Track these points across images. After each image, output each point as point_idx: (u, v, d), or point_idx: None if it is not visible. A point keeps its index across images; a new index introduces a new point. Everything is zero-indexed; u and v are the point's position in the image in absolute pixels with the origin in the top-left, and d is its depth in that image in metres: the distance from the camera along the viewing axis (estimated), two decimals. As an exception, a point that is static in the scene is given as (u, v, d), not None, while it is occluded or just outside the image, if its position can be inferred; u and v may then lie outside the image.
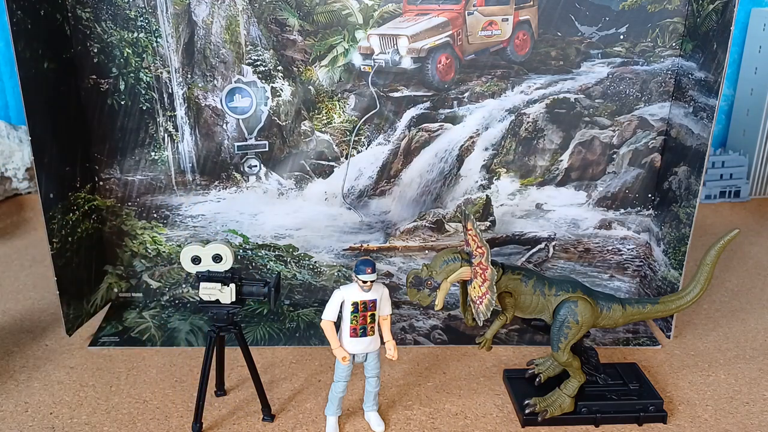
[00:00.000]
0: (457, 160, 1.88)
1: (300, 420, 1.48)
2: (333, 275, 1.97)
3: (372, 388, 1.43)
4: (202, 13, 1.73)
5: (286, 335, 1.81)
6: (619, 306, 1.45)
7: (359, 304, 1.33)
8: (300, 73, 1.79)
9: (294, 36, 1.76)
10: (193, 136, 1.82)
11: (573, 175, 1.90)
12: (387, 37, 1.76)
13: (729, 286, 2.10)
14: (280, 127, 1.83)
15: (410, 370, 1.66)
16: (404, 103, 1.82)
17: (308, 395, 1.56)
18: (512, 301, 1.42)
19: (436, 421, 1.48)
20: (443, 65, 1.79)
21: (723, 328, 1.86)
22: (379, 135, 1.85)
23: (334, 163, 1.87)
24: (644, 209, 1.92)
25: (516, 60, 1.80)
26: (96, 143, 1.82)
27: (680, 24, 1.74)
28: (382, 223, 1.94)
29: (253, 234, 1.91)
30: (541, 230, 1.95)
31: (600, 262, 1.98)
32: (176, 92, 1.78)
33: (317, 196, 1.90)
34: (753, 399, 1.56)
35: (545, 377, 1.55)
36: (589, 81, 1.82)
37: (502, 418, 1.49)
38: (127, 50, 1.74)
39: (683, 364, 1.69)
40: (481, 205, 1.93)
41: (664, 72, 1.79)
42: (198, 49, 1.75)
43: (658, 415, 1.48)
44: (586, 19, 1.76)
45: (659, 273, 1.86)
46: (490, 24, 1.78)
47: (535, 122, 1.85)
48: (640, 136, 1.86)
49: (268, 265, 1.95)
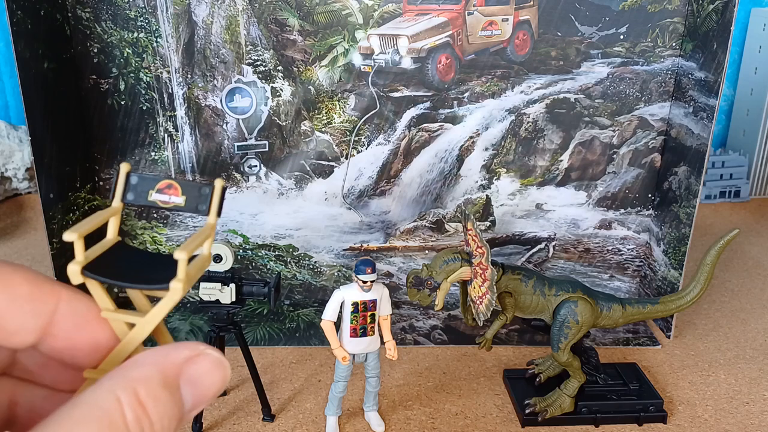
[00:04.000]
0: (457, 160, 1.88)
1: (300, 420, 1.47)
2: (333, 275, 1.97)
3: (372, 388, 1.43)
4: (202, 13, 1.73)
5: (286, 335, 1.81)
6: (619, 306, 1.45)
7: (359, 304, 1.33)
8: (300, 73, 1.79)
9: (294, 36, 1.76)
10: (193, 136, 1.82)
11: (573, 175, 1.90)
12: (387, 37, 1.76)
13: (729, 286, 2.10)
14: (280, 127, 1.83)
15: (410, 370, 1.66)
16: (404, 103, 1.82)
17: (308, 395, 1.56)
18: (512, 301, 1.42)
19: (436, 421, 1.48)
20: (443, 65, 1.79)
21: (723, 328, 1.86)
22: (379, 135, 1.85)
23: (334, 163, 1.87)
24: (644, 209, 1.92)
25: (516, 60, 1.80)
26: (96, 143, 1.82)
27: (680, 24, 1.74)
28: (382, 223, 1.94)
29: (253, 234, 1.91)
30: (541, 230, 1.95)
31: (600, 262, 1.98)
32: (176, 92, 1.78)
33: (317, 196, 1.90)
34: (753, 399, 1.56)
35: (545, 377, 1.55)
36: (589, 81, 1.82)
37: (502, 418, 1.49)
38: (127, 50, 1.74)
39: (683, 364, 1.69)
40: (481, 205, 1.93)
41: (664, 72, 1.79)
42: (198, 49, 1.75)
43: (658, 415, 1.48)
44: (586, 19, 1.76)
45: (659, 273, 1.86)
46: (490, 24, 1.78)
47: (535, 122, 1.85)
48: (640, 136, 1.86)
49: (268, 265, 1.95)
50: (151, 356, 0.46)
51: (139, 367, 0.45)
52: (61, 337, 0.49)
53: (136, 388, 0.43)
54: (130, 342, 0.51)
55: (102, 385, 0.43)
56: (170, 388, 0.45)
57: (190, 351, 0.47)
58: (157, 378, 0.45)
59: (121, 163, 0.52)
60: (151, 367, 0.45)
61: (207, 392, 0.48)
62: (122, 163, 0.53)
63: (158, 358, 0.46)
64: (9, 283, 0.47)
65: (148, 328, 0.50)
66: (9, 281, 0.47)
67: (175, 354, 0.47)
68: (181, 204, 0.53)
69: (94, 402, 0.42)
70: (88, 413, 0.41)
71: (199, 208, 0.53)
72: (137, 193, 0.53)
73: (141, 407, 0.43)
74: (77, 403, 0.42)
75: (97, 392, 0.43)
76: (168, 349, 0.47)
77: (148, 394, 0.43)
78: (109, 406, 0.42)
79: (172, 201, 0.53)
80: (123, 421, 0.42)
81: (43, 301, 0.48)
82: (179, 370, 0.46)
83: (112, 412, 0.42)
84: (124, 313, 0.51)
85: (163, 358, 0.46)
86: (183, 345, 0.48)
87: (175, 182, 0.53)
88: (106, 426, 0.41)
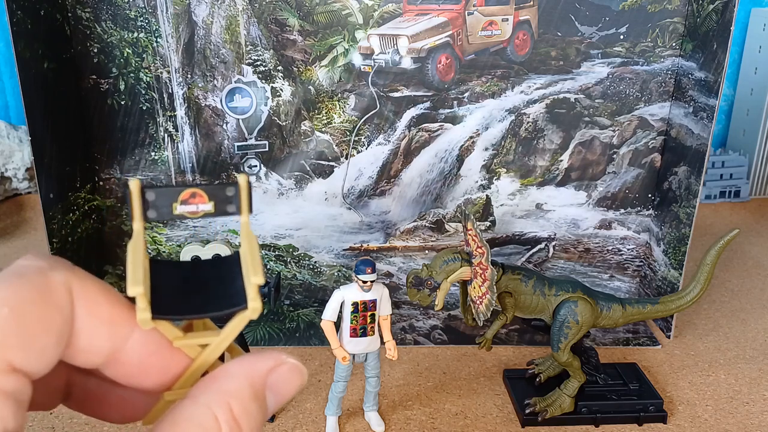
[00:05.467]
0: (457, 160, 1.88)
1: (300, 420, 1.47)
2: (333, 275, 1.97)
3: (372, 388, 1.43)
4: (202, 13, 1.73)
5: (286, 335, 1.80)
6: (619, 306, 1.45)
7: (359, 304, 1.33)
8: (300, 73, 1.79)
9: (294, 36, 1.76)
10: (193, 136, 1.82)
11: (573, 175, 1.90)
12: (387, 37, 1.76)
13: (729, 286, 2.10)
14: (280, 127, 1.83)
15: (410, 370, 1.66)
16: (404, 103, 1.82)
17: (308, 395, 1.56)
18: (512, 301, 1.42)
19: (436, 421, 1.47)
20: (443, 65, 1.79)
21: (723, 328, 1.86)
22: (379, 135, 1.85)
23: (334, 163, 1.87)
24: (644, 209, 1.92)
25: (516, 60, 1.80)
26: (96, 143, 1.82)
27: (680, 24, 1.74)
28: (382, 223, 1.94)
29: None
30: (541, 230, 1.95)
31: (600, 262, 1.98)
32: (176, 92, 1.78)
33: (317, 196, 1.90)
34: (753, 399, 1.56)
35: (545, 377, 1.55)
36: (589, 81, 1.82)
37: (502, 418, 1.49)
38: (127, 50, 1.74)
39: (683, 364, 1.69)
40: (481, 205, 1.93)
41: (664, 72, 1.79)
42: (198, 49, 1.75)
43: (658, 415, 1.47)
44: (586, 19, 1.76)
45: (659, 273, 1.86)
46: (490, 24, 1.78)
47: (535, 122, 1.85)
48: (640, 136, 1.86)
49: (268, 265, 1.95)
50: (239, 368, 0.47)
51: (231, 380, 0.46)
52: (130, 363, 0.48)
53: (230, 403, 0.45)
54: (205, 361, 0.50)
55: (198, 400, 0.45)
56: (259, 400, 0.47)
57: (274, 361, 0.48)
58: (247, 391, 0.46)
59: (129, 181, 0.48)
60: (241, 379, 0.47)
61: (285, 397, 0.49)
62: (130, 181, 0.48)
63: (247, 371, 0.47)
64: (93, 302, 0.46)
65: (223, 345, 0.50)
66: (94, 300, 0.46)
67: (261, 365, 0.48)
68: (210, 210, 0.50)
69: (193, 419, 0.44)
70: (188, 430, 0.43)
71: (229, 210, 0.51)
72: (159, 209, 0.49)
73: (236, 423, 0.45)
74: (177, 421, 0.43)
75: (194, 409, 0.44)
76: (254, 360, 0.48)
77: (242, 409, 0.45)
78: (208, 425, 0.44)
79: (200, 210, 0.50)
80: None
81: (121, 326, 0.47)
82: (265, 381, 0.48)
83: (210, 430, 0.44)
84: (195, 337, 0.49)
85: (251, 369, 0.47)
86: (266, 355, 0.49)
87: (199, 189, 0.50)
88: None
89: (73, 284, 0.46)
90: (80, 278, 0.46)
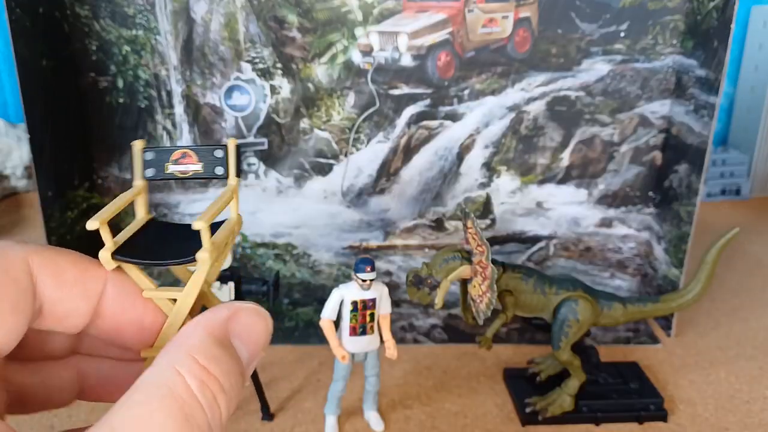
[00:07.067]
0: (457, 157, 1.88)
1: (299, 419, 1.47)
2: (332, 274, 1.96)
3: (371, 387, 1.43)
4: (200, 11, 1.72)
5: (285, 334, 1.80)
6: (619, 304, 1.45)
7: (359, 303, 1.33)
8: (299, 70, 1.78)
9: (293, 33, 1.75)
10: (191, 134, 1.82)
11: (574, 173, 1.89)
12: (387, 34, 1.75)
13: (730, 284, 2.09)
14: (279, 125, 1.82)
15: (410, 369, 1.66)
16: (404, 101, 1.82)
17: (307, 394, 1.55)
18: (512, 300, 1.41)
19: (436, 420, 1.47)
20: (443, 62, 1.78)
21: (724, 326, 1.86)
22: (379, 133, 1.85)
23: (333, 161, 1.87)
24: (645, 207, 1.92)
25: (516, 57, 1.79)
26: (94, 141, 1.81)
27: (681, 21, 1.73)
28: (381, 222, 1.93)
29: (252, 232, 1.91)
30: (542, 228, 1.95)
31: (601, 260, 1.97)
32: (175, 90, 1.77)
33: (316, 194, 1.89)
34: (754, 397, 1.56)
35: (545, 376, 1.55)
36: (589, 78, 1.81)
37: (503, 417, 1.48)
38: (125, 48, 1.73)
39: (684, 363, 1.69)
40: (482, 203, 1.92)
41: (664, 69, 1.79)
42: (197, 47, 1.75)
43: (659, 413, 1.47)
44: (587, 16, 1.75)
45: (660, 271, 1.85)
46: (490, 21, 1.77)
47: (536, 120, 1.84)
48: (641, 134, 1.85)
49: (266, 264, 1.94)
50: (196, 324, 0.48)
51: (189, 336, 0.46)
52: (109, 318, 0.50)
53: (193, 356, 0.44)
54: (177, 316, 0.52)
55: (159, 362, 0.44)
56: (224, 346, 0.47)
57: (228, 309, 0.49)
58: (208, 340, 0.46)
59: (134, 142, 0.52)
60: (200, 332, 0.47)
61: (257, 342, 0.50)
62: (136, 141, 0.52)
63: (204, 324, 0.48)
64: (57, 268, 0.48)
65: (189, 300, 0.51)
66: (57, 266, 0.48)
67: (217, 314, 0.48)
68: (200, 170, 0.53)
69: (156, 381, 0.43)
70: (152, 393, 0.42)
71: (217, 173, 0.53)
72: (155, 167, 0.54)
73: (204, 371, 0.44)
74: (139, 386, 0.43)
75: (156, 370, 0.44)
76: (208, 314, 0.49)
77: (207, 357, 0.44)
78: (171, 381, 0.43)
79: (190, 169, 0.53)
80: (187, 391, 0.42)
81: (91, 283, 0.50)
82: (226, 328, 0.48)
83: (175, 386, 0.42)
84: (165, 290, 0.52)
85: (207, 321, 0.48)
86: (220, 306, 0.50)
87: (189, 150, 0.53)
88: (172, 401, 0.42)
89: (32, 257, 0.47)
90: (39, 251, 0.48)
